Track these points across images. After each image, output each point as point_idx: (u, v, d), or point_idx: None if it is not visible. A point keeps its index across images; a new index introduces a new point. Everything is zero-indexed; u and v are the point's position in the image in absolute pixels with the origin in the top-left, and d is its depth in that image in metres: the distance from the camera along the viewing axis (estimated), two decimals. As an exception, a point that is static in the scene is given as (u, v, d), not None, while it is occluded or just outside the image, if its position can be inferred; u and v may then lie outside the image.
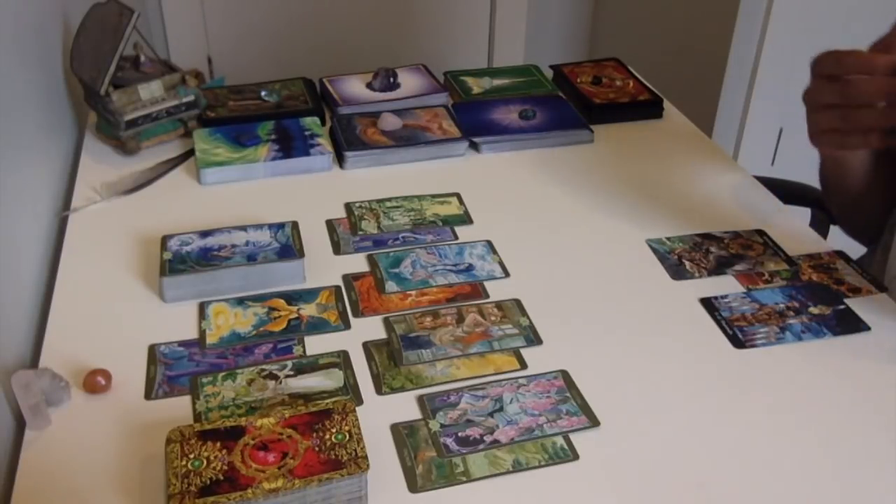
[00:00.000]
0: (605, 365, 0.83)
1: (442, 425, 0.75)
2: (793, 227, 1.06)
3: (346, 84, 1.33)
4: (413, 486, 0.70)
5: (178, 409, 0.77)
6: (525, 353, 0.84)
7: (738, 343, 0.86)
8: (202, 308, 0.89)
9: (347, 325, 0.87)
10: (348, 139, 1.18)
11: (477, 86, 1.36)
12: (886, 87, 0.76)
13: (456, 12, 2.49)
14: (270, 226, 0.97)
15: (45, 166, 1.07)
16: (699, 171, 1.18)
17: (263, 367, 0.81)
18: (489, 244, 1.01)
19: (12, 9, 1.00)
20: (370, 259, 0.97)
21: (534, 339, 0.86)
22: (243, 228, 0.97)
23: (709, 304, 0.92)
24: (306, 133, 1.18)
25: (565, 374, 0.82)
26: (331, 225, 1.04)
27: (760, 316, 0.90)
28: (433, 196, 1.10)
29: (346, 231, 1.02)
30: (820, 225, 1.27)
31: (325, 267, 0.96)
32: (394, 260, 0.97)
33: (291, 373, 0.81)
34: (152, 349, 0.83)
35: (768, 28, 1.83)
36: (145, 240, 0.99)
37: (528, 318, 0.89)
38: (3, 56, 0.94)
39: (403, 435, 0.74)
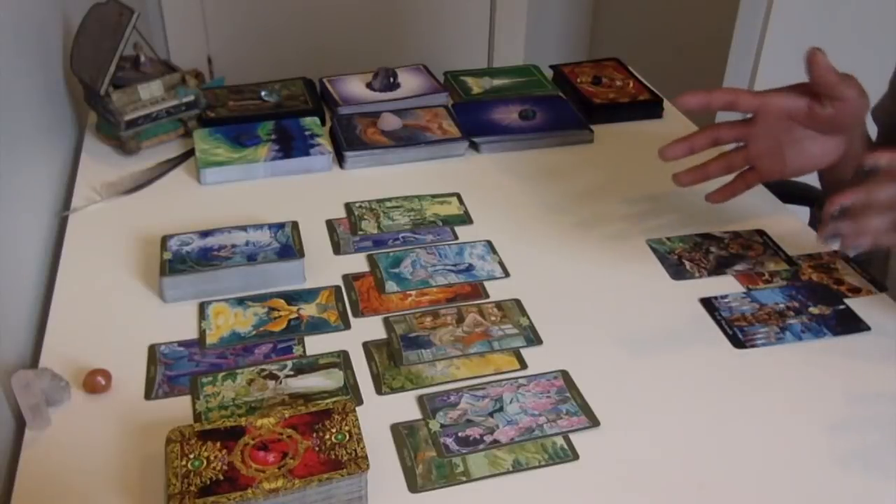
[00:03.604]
0: (605, 365, 0.83)
1: (442, 425, 0.75)
2: (793, 227, 1.06)
3: (346, 84, 1.33)
4: (413, 486, 0.70)
5: (178, 409, 0.77)
6: (525, 353, 0.84)
7: (738, 343, 0.86)
8: (202, 308, 0.89)
9: (347, 325, 0.87)
10: (348, 139, 1.18)
11: (477, 86, 1.36)
12: None
13: (456, 12, 2.49)
14: (270, 226, 0.97)
15: (45, 166, 1.07)
16: (699, 171, 1.18)
17: (263, 367, 0.81)
18: (489, 244, 1.01)
19: (12, 9, 1.00)
20: (370, 259, 0.97)
21: (534, 339, 0.86)
22: (243, 228, 0.97)
23: (709, 304, 0.92)
24: (306, 133, 1.18)
25: (565, 374, 0.82)
26: (331, 225, 1.04)
27: (760, 316, 0.90)
28: (433, 196, 1.10)
29: (346, 231, 1.02)
30: (820, 225, 1.27)
31: (325, 267, 0.96)
32: (394, 260, 0.97)
33: (291, 373, 0.81)
34: (152, 349, 0.83)
35: (768, 28, 1.83)
36: (145, 240, 0.98)
37: (528, 318, 0.89)
38: (3, 56, 0.94)
39: (403, 435, 0.74)
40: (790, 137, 0.93)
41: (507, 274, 0.96)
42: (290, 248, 0.94)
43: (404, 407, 0.78)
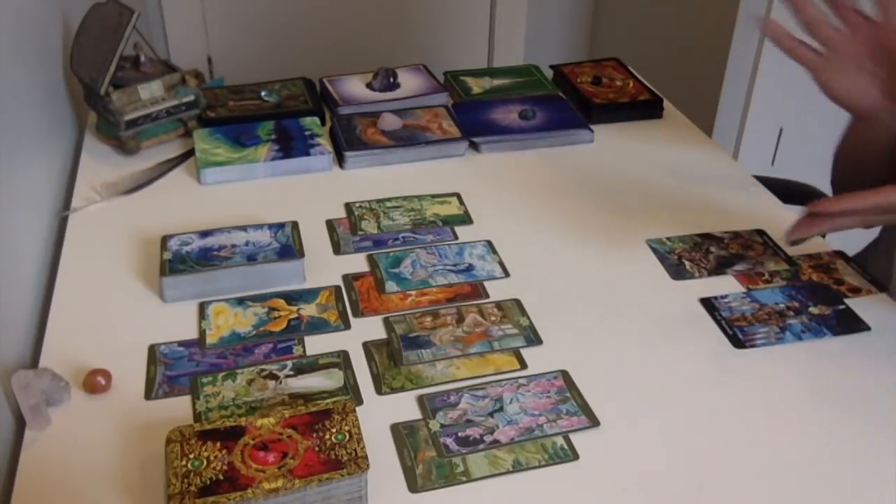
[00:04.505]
0: (605, 365, 0.83)
1: (442, 425, 0.75)
2: (793, 227, 1.05)
3: (346, 84, 1.33)
4: (413, 486, 0.70)
5: (178, 409, 0.77)
6: (525, 353, 0.84)
7: (738, 343, 0.86)
8: (202, 308, 0.89)
9: (347, 325, 0.87)
10: (348, 139, 1.18)
11: (477, 86, 1.36)
12: None
13: (456, 12, 2.49)
14: (270, 226, 0.97)
15: (45, 166, 1.07)
16: (699, 171, 1.18)
17: (263, 367, 0.81)
18: (489, 244, 1.01)
19: (12, 9, 1.00)
20: (370, 259, 0.97)
21: (534, 339, 0.86)
22: (243, 228, 0.97)
23: (709, 304, 0.92)
24: (306, 133, 1.18)
25: (565, 374, 0.82)
26: (331, 225, 1.04)
27: (760, 316, 0.90)
28: (433, 196, 1.10)
29: (346, 231, 1.03)
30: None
31: (325, 267, 0.96)
32: (394, 260, 0.97)
33: (291, 373, 0.81)
34: (152, 349, 0.83)
35: (768, 28, 1.83)
36: (145, 240, 0.99)
37: (528, 318, 0.89)
38: (3, 56, 0.94)
39: (403, 435, 0.74)
40: (870, 68, 0.85)
41: (507, 274, 0.96)
42: (290, 248, 0.94)
43: (404, 407, 0.78)
